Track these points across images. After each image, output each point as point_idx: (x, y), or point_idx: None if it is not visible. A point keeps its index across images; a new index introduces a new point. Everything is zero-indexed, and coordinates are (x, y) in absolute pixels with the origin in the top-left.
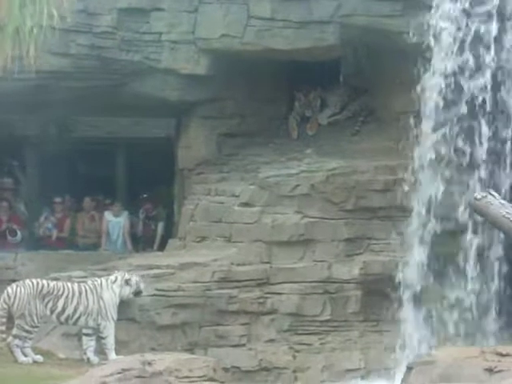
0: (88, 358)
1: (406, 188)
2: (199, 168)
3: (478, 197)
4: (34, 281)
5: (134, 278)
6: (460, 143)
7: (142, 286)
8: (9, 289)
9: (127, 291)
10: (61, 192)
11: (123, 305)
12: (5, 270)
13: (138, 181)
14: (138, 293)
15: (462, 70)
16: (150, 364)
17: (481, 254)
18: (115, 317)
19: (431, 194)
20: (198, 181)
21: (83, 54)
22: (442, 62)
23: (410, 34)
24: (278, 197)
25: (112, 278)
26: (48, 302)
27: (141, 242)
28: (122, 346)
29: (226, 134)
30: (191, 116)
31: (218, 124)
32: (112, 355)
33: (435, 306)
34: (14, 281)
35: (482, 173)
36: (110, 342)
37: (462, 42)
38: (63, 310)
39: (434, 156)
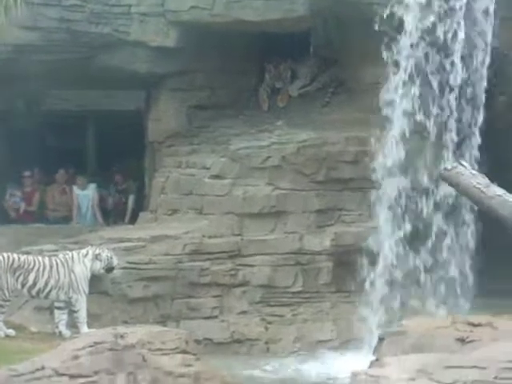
0: (60, 332)
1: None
2: (169, 140)
3: (449, 167)
4: (5, 254)
5: (105, 254)
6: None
7: (114, 262)
8: None
9: (98, 266)
10: (30, 165)
11: (95, 278)
12: None
13: (108, 154)
14: (110, 269)
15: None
16: (122, 337)
17: (452, 219)
18: (87, 290)
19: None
20: (169, 153)
21: (52, 28)
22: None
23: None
24: (248, 169)
25: (83, 251)
26: (19, 275)
27: (111, 215)
28: (94, 320)
29: (196, 107)
30: (161, 88)
31: (188, 96)
32: (84, 329)
33: (407, 275)
34: None
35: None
36: (82, 315)
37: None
38: (34, 283)
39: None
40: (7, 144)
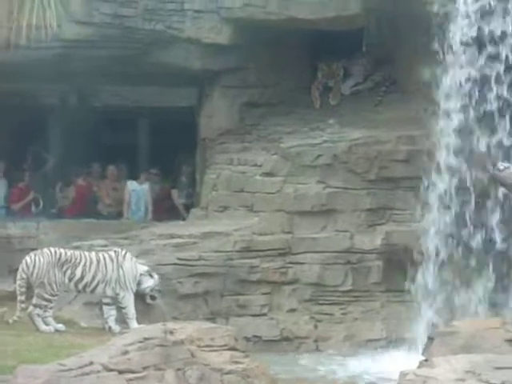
0: (109, 327)
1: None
2: (221, 138)
3: (501, 167)
4: (52, 249)
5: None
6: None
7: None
8: (27, 258)
9: (150, 283)
10: (85, 161)
11: None
12: (27, 239)
13: (160, 150)
14: (152, 297)
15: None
16: (171, 333)
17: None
18: (134, 288)
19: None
20: (220, 150)
21: (106, 23)
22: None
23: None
24: (300, 167)
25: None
26: (66, 269)
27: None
28: (143, 315)
29: (249, 104)
30: (213, 85)
31: (241, 93)
32: (133, 324)
33: (458, 276)
34: (35, 250)
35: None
36: (131, 311)
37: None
38: (81, 277)
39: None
40: (62, 139)
